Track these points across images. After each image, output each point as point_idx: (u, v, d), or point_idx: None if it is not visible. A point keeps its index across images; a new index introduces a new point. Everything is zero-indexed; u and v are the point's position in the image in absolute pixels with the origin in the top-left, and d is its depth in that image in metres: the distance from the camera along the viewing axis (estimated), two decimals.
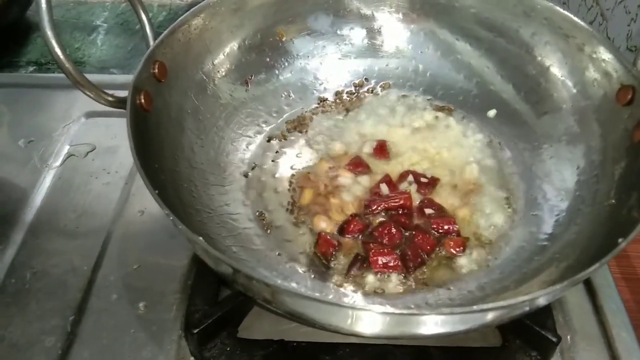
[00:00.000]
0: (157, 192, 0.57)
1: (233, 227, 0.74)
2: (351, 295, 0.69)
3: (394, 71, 0.94)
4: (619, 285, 0.83)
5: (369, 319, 0.54)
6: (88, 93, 0.63)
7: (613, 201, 0.68)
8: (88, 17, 1.33)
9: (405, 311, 0.53)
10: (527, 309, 0.57)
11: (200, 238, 0.54)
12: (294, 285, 0.67)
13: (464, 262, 0.72)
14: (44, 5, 0.57)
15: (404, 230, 0.74)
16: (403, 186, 0.79)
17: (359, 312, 0.53)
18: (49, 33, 0.58)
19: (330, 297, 0.66)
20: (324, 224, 0.75)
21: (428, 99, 0.92)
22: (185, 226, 0.55)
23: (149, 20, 0.76)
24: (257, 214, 0.77)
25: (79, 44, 1.25)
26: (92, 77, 1.04)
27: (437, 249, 0.73)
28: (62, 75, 0.66)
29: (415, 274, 0.70)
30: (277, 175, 0.82)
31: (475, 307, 0.47)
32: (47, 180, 0.87)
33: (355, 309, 0.53)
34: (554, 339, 0.65)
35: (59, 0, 1.37)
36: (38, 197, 0.85)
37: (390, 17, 0.93)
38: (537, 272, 0.68)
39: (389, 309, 0.51)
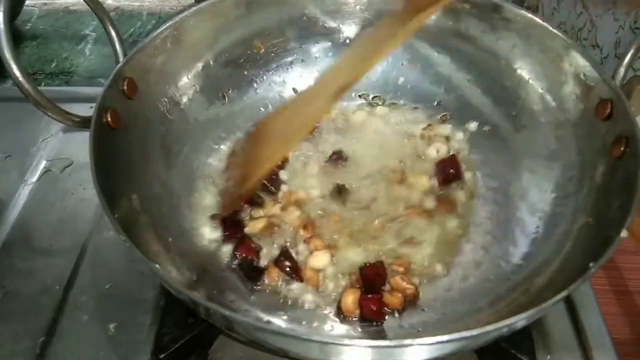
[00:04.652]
0: (116, 216, 0.56)
1: (202, 248, 0.73)
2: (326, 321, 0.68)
3: (374, 84, 0.92)
4: (607, 298, 0.82)
5: (335, 351, 0.53)
6: (50, 114, 0.62)
7: (590, 219, 0.66)
8: (77, 26, 1.33)
9: (368, 343, 0.51)
10: (497, 335, 0.55)
11: (157, 266, 0.53)
12: (257, 309, 0.66)
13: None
14: (1, 25, 0.56)
15: None
16: None
17: (324, 345, 0.52)
18: (8, 54, 0.57)
19: (300, 326, 0.65)
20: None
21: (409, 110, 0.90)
22: (143, 252, 0.54)
23: (118, 34, 0.75)
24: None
25: (67, 54, 1.25)
26: (80, 90, 1.08)
27: None
28: (44, 88, 0.65)
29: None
30: None
31: (431, 339, 0.46)
32: (22, 197, 0.86)
33: (320, 343, 0.51)
34: None
35: (47, 10, 1.38)
36: (13, 214, 0.84)
37: (369, 29, 0.91)
38: (511, 292, 0.67)
39: (352, 341, 0.49)
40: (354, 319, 0.68)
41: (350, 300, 0.68)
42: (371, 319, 0.67)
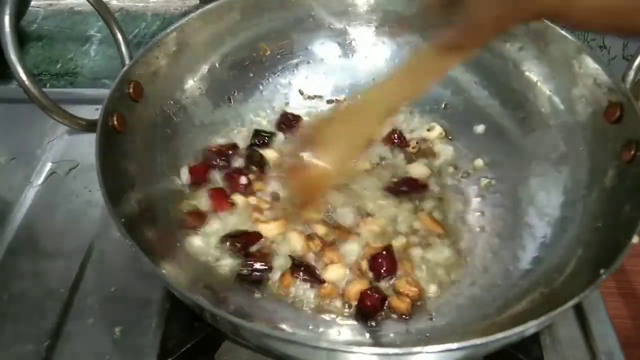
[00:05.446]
0: (122, 220, 0.56)
1: (208, 251, 0.72)
2: (333, 326, 0.67)
3: None
4: (614, 301, 0.81)
5: (342, 357, 0.52)
6: (57, 118, 0.62)
7: (600, 224, 0.65)
8: (82, 27, 1.33)
9: (376, 350, 0.51)
10: (506, 342, 0.55)
11: (163, 271, 0.53)
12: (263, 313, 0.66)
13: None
14: (7, 29, 0.56)
15: None
16: None
17: (332, 352, 0.51)
18: (14, 58, 0.57)
19: (306, 331, 0.64)
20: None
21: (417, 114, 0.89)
22: (149, 256, 0.54)
23: (124, 36, 0.75)
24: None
25: (72, 55, 1.25)
26: (86, 92, 1.08)
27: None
28: (49, 90, 0.64)
29: None
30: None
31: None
32: (28, 199, 0.86)
33: (328, 350, 0.50)
34: None
35: (52, 10, 1.38)
36: (18, 217, 0.84)
37: (376, 30, 0.91)
38: (520, 298, 0.66)
39: (359, 349, 0.49)
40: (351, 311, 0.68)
41: (355, 289, 0.68)
42: (363, 312, 0.67)
